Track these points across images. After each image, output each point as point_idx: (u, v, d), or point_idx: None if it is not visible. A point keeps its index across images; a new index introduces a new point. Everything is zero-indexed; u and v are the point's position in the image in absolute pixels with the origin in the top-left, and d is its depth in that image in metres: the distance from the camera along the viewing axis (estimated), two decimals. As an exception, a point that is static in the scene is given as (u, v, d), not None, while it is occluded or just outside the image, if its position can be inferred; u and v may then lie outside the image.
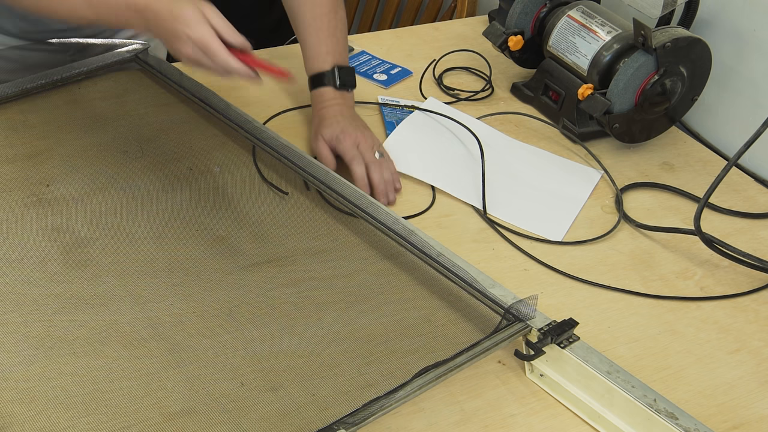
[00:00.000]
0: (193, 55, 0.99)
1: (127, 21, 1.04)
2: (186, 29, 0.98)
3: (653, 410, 0.85)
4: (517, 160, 1.28)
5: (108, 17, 1.05)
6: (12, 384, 0.84)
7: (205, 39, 0.98)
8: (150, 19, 1.00)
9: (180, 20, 0.98)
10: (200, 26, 0.98)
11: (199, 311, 0.95)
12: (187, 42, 0.98)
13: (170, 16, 0.99)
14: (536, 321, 0.93)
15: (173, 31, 0.99)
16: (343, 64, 1.23)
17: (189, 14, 0.98)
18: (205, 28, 0.98)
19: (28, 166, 1.12)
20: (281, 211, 1.11)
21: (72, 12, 1.07)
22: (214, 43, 0.98)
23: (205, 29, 0.98)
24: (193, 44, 0.98)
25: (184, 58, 1.00)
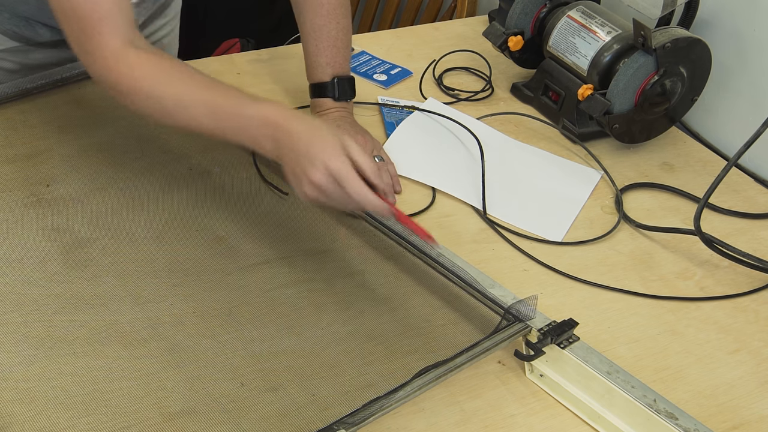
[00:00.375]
0: (323, 183, 0.91)
1: (253, 137, 0.96)
2: (322, 155, 0.91)
3: (653, 410, 0.85)
4: (517, 160, 1.28)
5: (231, 130, 0.98)
6: (12, 384, 0.84)
7: (343, 169, 0.90)
8: (281, 138, 0.94)
9: (318, 146, 0.92)
10: (339, 156, 0.91)
11: (199, 311, 0.95)
12: (320, 169, 0.91)
13: (308, 139, 0.92)
14: (536, 321, 0.93)
15: (307, 154, 0.92)
16: (344, 74, 1.23)
17: (329, 142, 0.92)
18: (344, 159, 0.91)
19: (28, 166, 1.12)
20: (281, 212, 1.11)
21: (191, 120, 0.99)
22: (351, 173, 0.91)
23: (344, 160, 0.91)
24: (325, 172, 0.91)
25: (307, 188, 0.93)
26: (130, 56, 1.00)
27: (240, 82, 1.37)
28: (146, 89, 0.99)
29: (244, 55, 1.46)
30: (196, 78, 1.01)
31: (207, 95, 0.99)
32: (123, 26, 1.00)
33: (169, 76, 1.00)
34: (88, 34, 0.99)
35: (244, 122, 0.97)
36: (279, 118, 0.95)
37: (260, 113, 0.96)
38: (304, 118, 0.96)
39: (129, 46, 1.00)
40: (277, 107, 0.97)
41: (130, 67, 0.99)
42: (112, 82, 1.00)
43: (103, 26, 0.98)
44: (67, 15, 1.00)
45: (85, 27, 0.99)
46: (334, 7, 1.21)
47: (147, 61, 1.00)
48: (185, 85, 1.00)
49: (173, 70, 1.01)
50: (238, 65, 1.41)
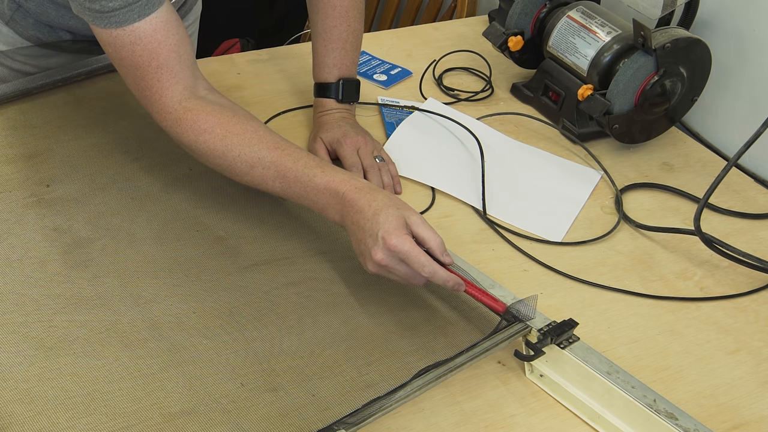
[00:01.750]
0: (386, 261, 0.91)
1: (321, 206, 0.97)
2: (385, 234, 0.90)
3: (653, 411, 0.85)
4: (516, 160, 1.28)
5: (299, 195, 0.98)
6: (12, 384, 0.84)
7: (405, 247, 0.89)
8: (347, 212, 0.94)
9: (381, 223, 0.91)
10: (401, 234, 0.90)
11: (199, 312, 0.95)
12: (382, 247, 0.90)
13: (372, 215, 0.91)
14: (536, 321, 0.93)
15: (371, 232, 0.91)
16: (350, 76, 1.24)
17: (392, 218, 0.91)
18: (405, 236, 0.90)
19: (28, 166, 1.12)
20: (281, 212, 1.11)
21: (261, 181, 0.99)
22: (413, 250, 0.90)
23: (406, 238, 0.90)
24: (387, 251, 0.90)
25: (370, 265, 0.93)
26: (193, 106, 0.98)
27: (240, 82, 1.37)
28: (210, 145, 0.98)
29: (244, 55, 1.46)
30: (263, 136, 0.98)
31: (275, 157, 0.97)
32: (183, 73, 0.98)
33: (236, 132, 0.98)
34: (147, 82, 0.98)
35: (311, 190, 0.96)
36: (346, 190, 0.94)
37: (328, 184, 0.95)
38: (371, 191, 0.94)
39: (191, 95, 0.99)
40: (346, 177, 0.96)
41: (194, 118, 0.98)
42: (178, 135, 0.99)
43: (162, 74, 0.97)
44: (124, 63, 0.98)
45: (144, 75, 0.97)
46: (346, 9, 1.21)
47: (212, 113, 0.98)
48: (252, 143, 0.98)
49: (239, 125, 0.98)
50: (238, 65, 1.41)
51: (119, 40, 0.96)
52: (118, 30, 0.95)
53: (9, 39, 1.24)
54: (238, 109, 1.02)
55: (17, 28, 1.23)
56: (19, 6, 1.20)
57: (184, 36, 0.99)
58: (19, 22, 1.22)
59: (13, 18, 1.21)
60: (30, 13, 1.21)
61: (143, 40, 0.95)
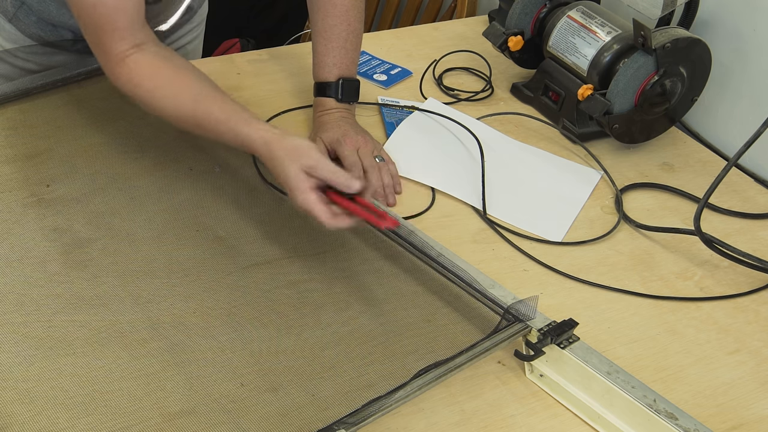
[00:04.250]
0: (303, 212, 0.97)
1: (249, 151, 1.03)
2: (291, 193, 0.96)
3: (653, 410, 0.85)
4: (516, 160, 1.28)
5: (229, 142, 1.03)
6: (12, 384, 0.84)
7: (308, 207, 0.95)
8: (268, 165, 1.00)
9: (286, 185, 0.97)
10: (301, 195, 0.95)
11: (199, 311, 0.95)
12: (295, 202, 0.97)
13: (276, 175, 0.98)
14: (536, 321, 0.93)
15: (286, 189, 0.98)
16: (350, 76, 1.24)
17: (291, 181, 0.96)
18: (305, 195, 0.95)
19: (28, 166, 1.12)
20: (281, 212, 1.11)
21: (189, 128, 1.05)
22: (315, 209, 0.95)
23: (306, 197, 0.95)
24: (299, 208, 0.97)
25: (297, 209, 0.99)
26: (131, 61, 1.03)
27: (240, 82, 1.37)
28: (141, 98, 1.04)
29: (244, 55, 1.46)
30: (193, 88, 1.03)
31: (193, 109, 1.02)
32: (128, 30, 1.03)
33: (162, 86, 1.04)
34: (98, 37, 1.04)
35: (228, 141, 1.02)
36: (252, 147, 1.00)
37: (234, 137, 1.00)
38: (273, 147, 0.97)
39: (134, 50, 1.04)
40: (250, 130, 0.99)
41: (129, 72, 1.04)
42: (117, 86, 1.06)
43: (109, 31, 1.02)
44: (84, 23, 1.05)
45: (96, 31, 1.03)
46: (347, 8, 1.21)
47: (145, 68, 1.03)
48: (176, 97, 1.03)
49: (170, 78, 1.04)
50: (238, 65, 1.41)
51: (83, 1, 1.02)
52: None
53: (12, 36, 1.24)
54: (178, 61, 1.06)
55: (20, 26, 1.23)
56: (22, 3, 1.21)
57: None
58: (21, 19, 1.22)
59: (16, 15, 1.22)
60: (33, 10, 1.21)
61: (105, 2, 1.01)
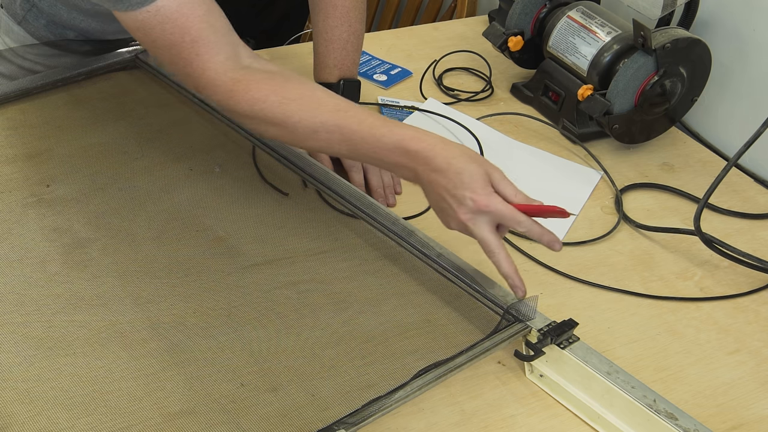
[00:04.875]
0: (471, 222, 0.90)
1: (391, 165, 0.92)
2: (473, 196, 0.88)
3: (653, 411, 0.85)
4: (516, 160, 1.28)
5: (367, 156, 0.93)
6: (12, 384, 0.84)
7: (498, 208, 0.88)
8: (421, 169, 0.90)
9: (466, 185, 0.88)
10: (492, 195, 0.88)
11: (199, 311, 0.95)
12: (470, 208, 0.89)
13: (455, 175, 0.88)
14: (536, 321, 0.93)
15: (454, 193, 0.89)
16: (351, 77, 1.23)
17: (477, 178, 0.88)
18: (496, 198, 0.88)
19: (28, 166, 1.12)
20: (281, 212, 1.11)
21: (327, 145, 0.94)
22: (507, 208, 0.88)
23: (498, 199, 0.88)
24: (476, 212, 0.89)
25: (454, 224, 0.92)
26: (241, 76, 0.93)
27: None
28: (268, 113, 0.93)
29: (244, 55, 1.45)
30: (322, 99, 0.94)
31: (338, 120, 0.92)
32: (220, 43, 0.93)
33: (292, 97, 0.93)
34: (186, 59, 0.93)
35: (380, 151, 0.92)
36: (419, 148, 0.90)
37: (398, 143, 0.91)
38: (446, 147, 0.91)
39: (235, 65, 0.94)
40: (416, 134, 0.91)
41: (245, 88, 0.93)
42: (232, 108, 0.94)
43: (199, 48, 0.92)
44: (158, 45, 0.94)
45: (181, 52, 0.93)
46: (347, 9, 1.21)
47: (262, 81, 0.93)
48: (312, 107, 0.93)
49: (295, 90, 0.94)
50: (238, 65, 1.41)
51: (146, 23, 0.92)
52: (142, 12, 0.91)
53: (21, 38, 1.24)
54: (288, 73, 0.97)
55: (29, 28, 1.23)
56: (32, 6, 1.20)
57: (212, 5, 0.94)
58: (31, 22, 1.22)
59: (25, 18, 1.21)
60: (43, 13, 1.21)
61: (170, 17, 0.91)
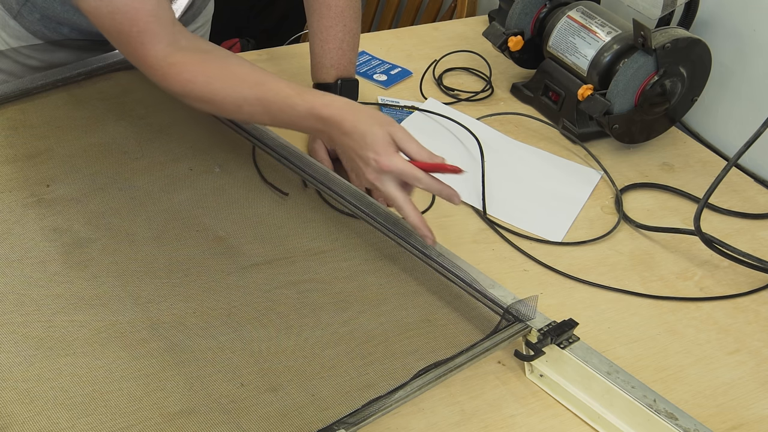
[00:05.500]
0: (375, 181, 0.96)
1: (308, 128, 1.01)
2: (376, 157, 0.94)
3: (653, 411, 0.85)
4: (516, 160, 1.28)
5: (287, 123, 1.02)
6: (12, 384, 0.84)
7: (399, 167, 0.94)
8: (334, 133, 0.97)
9: (370, 146, 0.94)
10: (393, 156, 0.94)
11: (199, 311, 0.95)
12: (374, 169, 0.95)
13: (360, 138, 0.95)
14: (536, 321, 0.93)
15: (360, 154, 0.96)
16: (348, 76, 1.23)
17: (380, 141, 0.94)
18: (397, 158, 0.94)
19: (28, 166, 1.12)
20: (281, 212, 1.11)
21: (251, 118, 1.05)
22: (407, 167, 0.94)
23: (397, 159, 0.94)
24: (379, 171, 0.95)
25: (366, 183, 0.98)
26: (177, 60, 1.01)
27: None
28: (197, 92, 1.01)
29: (244, 55, 1.46)
30: (245, 74, 1.01)
31: (257, 92, 1.00)
32: (163, 31, 1.01)
33: (218, 77, 1.01)
34: (132, 46, 1.01)
35: (297, 118, 0.98)
36: (328, 114, 0.96)
37: (310, 110, 0.97)
38: (353, 110, 0.96)
39: (174, 49, 1.01)
40: (326, 101, 0.98)
41: (179, 71, 1.01)
42: (168, 89, 1.03)
43: (144, 37, 1.00)
44: (110, 32, 1.02)
45: (128, 40, 1.01)
46: (342, 9, 1.21)
47: (194, 63, 1.01)
48: (234, 84, 1.00)
49: (222, 68, 1.02)
50: (238, 65, 1.41)
51: (98, 11, 0.99)
52: (96, 1, 0.98)
53: (16, 32, 1.25)
54: (219, 52, 1.05)
55: (24, 22, 1.24)
56: (26, 0, 1.21)
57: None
58: (26, 16, 1.23)
59: (20, 12, 1.22)
60: (37, 7, 1.22)
61: (121, 9, 0.98)
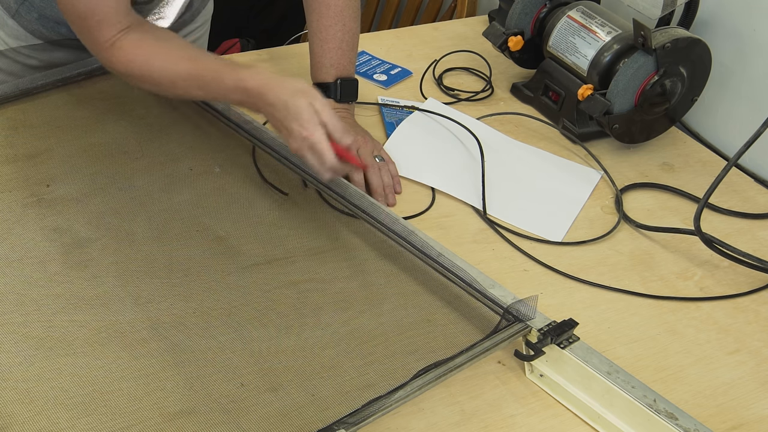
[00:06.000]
0: (299, 150, 1.01)
1: (237, 101, 1.06)
2: (299, 128, 0.99)
3: (653, 410, 0.85)
4: (517, 160, 1.28)
5: (220, 96, 1.07)
6: (12, 384, 0.84)
7: (319, 143, 0.99)
8: (259, 104, 1.02)
9: (293, 116, 0.99)
10: (314, 128, 0.99)
11: (198, 311, 0.95)
12: (297, 138, 1.00)
13: (283, 108, 0.99)
14: (536, 321, 0.93)
15: (285, 125, 1.00)
16: (347, 76, 1.24)
17: (303, 112, 0.98)
18: (318, 130, 0.99)
19: (28, 166, 1.12)
20: (281, 212, 1.11)
21: (186, 93, 1.09)
22: (325, 147, 0.99)
23: (319, 132, 0.99)
24: (302, 141, 0.99)
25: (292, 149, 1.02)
26: (122, 43, 1.08)
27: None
28: (137, 71, 1.08)
29: (244, 55, 1.46)
30: (179, 53, 1.08)
31: (190, 68, 1.06)
32: (115, 17, 1.07)
33: (155, 55, 1.08)
34: (87, 29, 1.08)
35: (226, 90, 1.04)
36: (253, 85, 1.01)
37: (237, 82, 1.02)
38: (277, 82, 1.01)
39: (123, 34, 1.08)
40: (251, 73, 1.03)
41: (123, 53, 1.08)
42: (113, 69, 1.10)
43: (97, 22, 1.07)
44: (71, 17, 1.09)
45: (85, 25, 1.08)
46: (341, 9, 1.21)
47: (136, 45, 1.08)
48: (170, 61, 1.07)
49: (160, 48, 1.09)
50: (238, 65, 1.41)
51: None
52: None
53: (14, 32, 1.25)
54: (159, 33, 1.11)
55: (22, 22, 1.24)
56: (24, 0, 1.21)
57: None
58: (24, 15, 1.23)
59: (18, 11, 1.22)
60: (35, 6, 1.22)
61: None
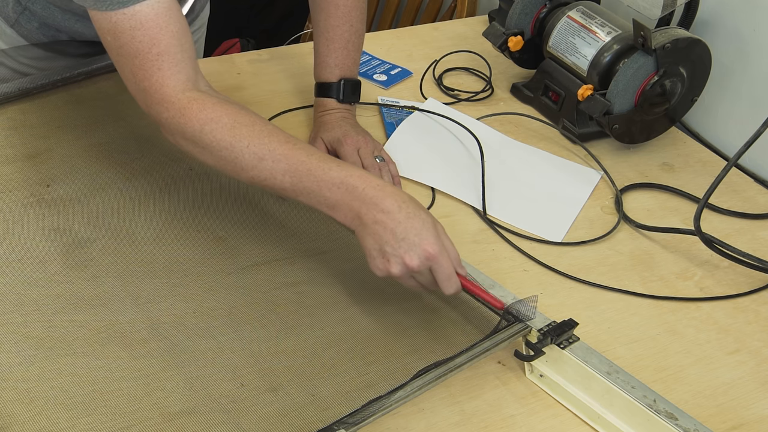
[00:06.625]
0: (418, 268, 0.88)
1: (332, 203, 0.90)
2: (423, 242, 0.87)
3: (653, 411, 0.85)
4: (516, 160, 1.28)
5: (309, 191, 0.91)
6: (12, 384, 0.84)
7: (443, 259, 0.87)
8: (367, 207, 0.88)
9: (417, 228, 0.87)
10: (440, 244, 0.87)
11: (198, 312, 0.95)
12: (419, 255, 0.87)
13: (403, 217, 0.87)
14: (536, 321, 0.93)
15: (405, 238, 0.87)
16: (351, 77, 1.23)
17: (429, 227, 0.87)
18: (440, 247, 0.87)
19: (28, 166, 1.12)
20: (281, 212, 1.11)
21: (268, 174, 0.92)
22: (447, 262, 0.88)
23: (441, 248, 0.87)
24: (425, 259, 0.87)
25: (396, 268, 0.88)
26: (197, 96, 0.92)
27: (240, 83, 1.37)
28: (218, 134, 0.91)
29: (244, 55, 1.46)
30: (273, 130, 0.93)
31: (286, 150, 0.91)
32: (185, 63, 0.93)
33: (244, 123, 0.92)
34: (147, 71, 0.92)
35: (325, 185, 0.90)
36: (366, 186, 0.89)
37: (345, 178, 0.90)
38: (395, 191, 0.90)
39: (193, 86, 0.93)
40: (364, 174, 0.91)
41: (200, 108, 0.92)
42: (180, 124, 0.93)
43: (163, 62, 0.91)
44: (121, 51, 0.93)
45: (144, 63, 0.91)
46: (349, 9, 1.21)
47: (218, 104, 0.92)
48: (262, 135, 0.92)
49: (248, 116, 0.93)
50: (238, 65, 1.41)
51: (119, 26, 0.90)
52: (118, 14, 0.90)
53: (13, 41, 1.24)
54: (243, 105, 0.97)
55: (21, 31, 1.23)
56: (24, 9, 1.20)
57: (185, 26, 0.94)
58: (23, 24, 1.22)
59: (18, 21, 1.21)
60: (35, 16, 1.21)
61: (144, 24, 0.90)
